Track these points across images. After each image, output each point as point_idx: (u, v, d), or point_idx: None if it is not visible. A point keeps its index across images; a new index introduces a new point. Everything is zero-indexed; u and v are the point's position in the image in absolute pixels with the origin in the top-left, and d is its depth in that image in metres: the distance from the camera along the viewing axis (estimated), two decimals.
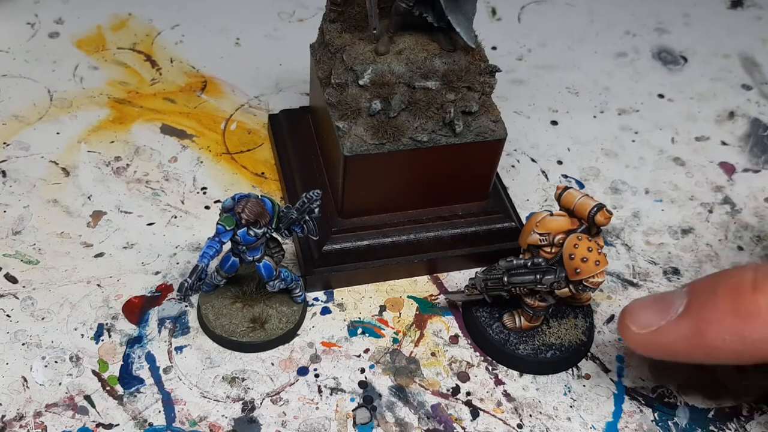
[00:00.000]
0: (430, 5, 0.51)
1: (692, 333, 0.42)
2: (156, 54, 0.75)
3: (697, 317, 0.42)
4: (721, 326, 0.41)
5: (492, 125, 0.54)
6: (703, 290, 0.43)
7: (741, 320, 0.40)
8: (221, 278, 0.52)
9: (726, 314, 0.41)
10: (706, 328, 0.42)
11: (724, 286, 0.41)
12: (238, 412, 0.49)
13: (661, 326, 0.43)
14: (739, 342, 0.41)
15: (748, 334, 0.40)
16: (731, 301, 0.41)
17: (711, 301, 0.42)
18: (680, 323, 0.43)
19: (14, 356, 0.51)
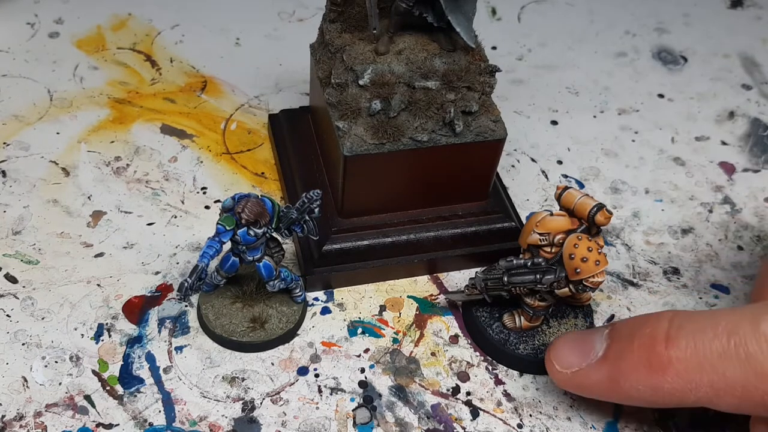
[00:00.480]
0: (430, 5, 0.51)
1: (609, 380, 0.44)
2: (156, 54, 0.75)
3: (613, 365, 0.44)
4: (635, 377, 0.42)
5: (492, 125, 0.54)
6: (621, 338, 0.44)
7: (653, 372, 0.41)
8: (221, 278, 0.52)
9: (640, 365, 0.42)
10: (622, 377, 0.43)
11: (640, 336, 0.43)
12: (238, 412, 0.49)
13: (581, 368, 0.45)
14: (651, 392, 0.42)
15: (660, 386, 0.42)
16: (645, 352, 0.42)
17: (627, 350, 0.43)
18: (599, 369, 0.44)
19: (14, 356, 0.51)
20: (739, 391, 0.39)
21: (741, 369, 0.39)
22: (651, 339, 0.42)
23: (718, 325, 0.40)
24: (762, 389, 0.39)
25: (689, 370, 0.40)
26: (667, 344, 0.41)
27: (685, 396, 0.41)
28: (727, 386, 0.40)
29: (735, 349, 0.39)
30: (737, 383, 0.39)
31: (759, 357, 0.38)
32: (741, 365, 0.39)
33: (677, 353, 0.41)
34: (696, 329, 0.41)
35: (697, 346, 0.40)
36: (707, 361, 0.40)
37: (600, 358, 0.44)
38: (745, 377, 0.39)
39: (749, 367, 0.39)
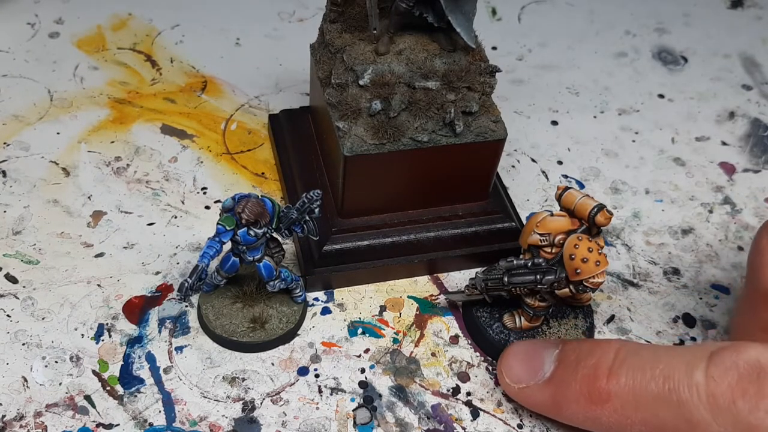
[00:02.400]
0: (430, 5, 0.51)
1: (552, 403, 0.45)
2: (156, 54, 0.75)
3: (557, 390, 0.45)
4: (576, 406, 0.43)
5: (492, 125, 0.54)
6: (567, 363, 0.45)
7: (592, 404, 0.42)
8: (221, 278, 0.52)
9: (581, 396, 0.43)
10: (564, 403, 0.44)
11: (584, 367, 0.44)
12: (238, 412, 0.49)
13: (528, 386, 0.46)
14: (590, 422, 0.43)
15: (598, 418, 0.42)
16: (587, 384, 0.43)
17: (571, 378, 0.44)
18: (544, 390, 0.45)
19: (14, 356, 0.51)
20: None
21: (673, 414, 0.40)
22: (594, 371, 0.43)
23: (656, 367, 0.41)
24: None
25: (625, 407, 0.41)
26: (608, 379, 0.42)
27: (621, 430, 0.42)
28: (659, 427, 0.40)
29: (669, 394, 0.40)
30: (668, 426, 0.40)
31: (690, 405, 0.39)
32: (673, 410, 0.40)
33: (616, 389, 0.42)
34: (637, 367, 0.42)
35: (635, 384, 0.41)
36: (643, 400, 0.41)
37: (546, 379, 0.45)
38: (676, 422, 0.40)
39: (680, 414, 0.39)
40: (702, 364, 0.39)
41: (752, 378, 0.38)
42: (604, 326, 0.56)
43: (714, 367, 0.39)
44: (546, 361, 0.46)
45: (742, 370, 0.39)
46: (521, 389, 0.47)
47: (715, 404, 0.38)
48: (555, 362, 0.45)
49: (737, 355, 0.39)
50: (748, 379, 0.38)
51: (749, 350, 0.39)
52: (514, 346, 0.48)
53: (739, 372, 0.38)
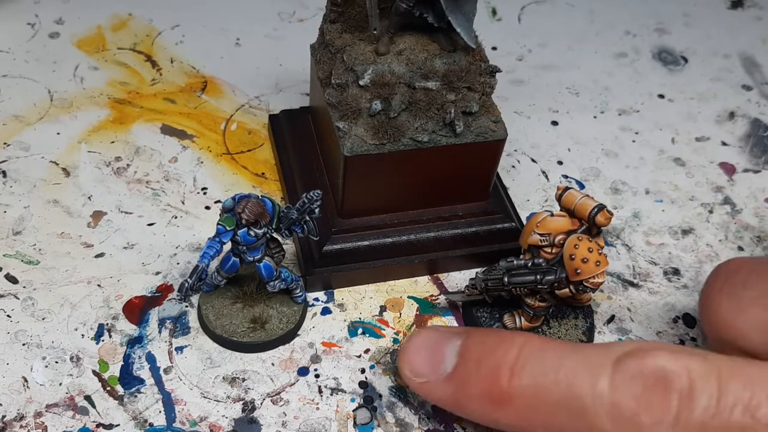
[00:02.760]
0: (430, 5, 0.51)
1: (453, 400, 0.43)
2: (156, 54, 0.75)
3: (458, 388, 0.42)
4: (477, 406, 0.41)
5: (492, 125, 0.54)
6: (469, 359, 0.42)
7: (493, 405, 0.40)
8: (221, 278, 0.52)
9: (482, 395, 0.41)
10: (465, 401, 0.42)
11: (486, 365, 0.41)
12: (238, 412, 0.49)
13: (429, 381, 0.43)
14: (493, 423, 0.41)
15: (498, 419, 0.41)
16: (488, 383, 0.41)
17: (473, 376, 0.41)
18: (445, 387, 0.43)
19: (14, 356, 0.51)
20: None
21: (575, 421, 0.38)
22: (496, 370, 0.41)
23: (560, 370, 0.39)
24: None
25: (527, 410, 0.39)
26: (510, 379, 0.40)
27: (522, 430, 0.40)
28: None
29: (571, 401, 0.38)
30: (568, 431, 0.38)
31: (592, 414, 0.37)
32: (575, 418, 0.38)
33: (518, 390, 0.40)
34: (539, 370, 0.40)
35: (537, 386, 0.39)
36: (544, 404, 0.39)
37: (447, 376, 0.43)
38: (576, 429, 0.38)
39: (583, 422, 0.38)
40: (606, 371, 0.37)
41: (657, 389, 0.36)
42: (604, 326, 0.56)
43: (618, 375, 0.37)
44: (447, 354, 0.43)
45: (647, 379, 0.36)
46: (422, 384, 0.44)
47: (618, 415, 0.36)
48: (457, 357, 0.43)
49: (643, 363, 0.37)
50: (653, 389, 0.36)
51: (655, 357, 0.37)
52: (415, 337, 0.45)
53: (644, 382, 0.36)
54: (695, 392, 0.35)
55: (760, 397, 0.34)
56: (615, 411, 0.36)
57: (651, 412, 0.36)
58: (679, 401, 0.35)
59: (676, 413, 0.35)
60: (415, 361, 0.44)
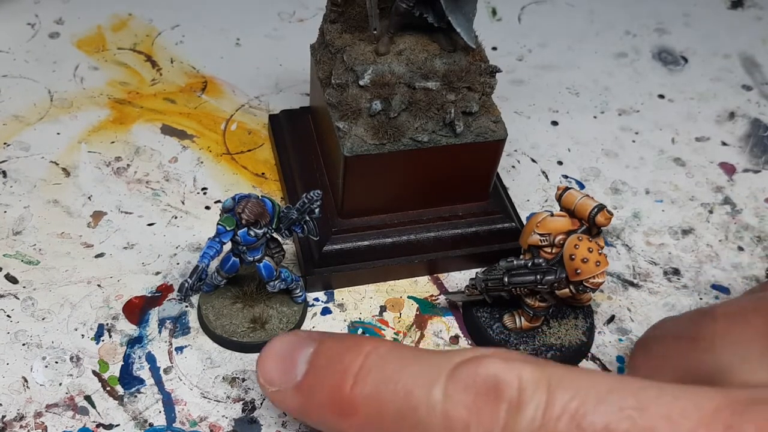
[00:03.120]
0: (430, 5, 0.51)
1: (301, 411, 0.41)
2: (156, 54, 0.75)
3: (305, 397, 0.41)
4: (323, 416, 0.40)
5: (492, 125, 0.54)
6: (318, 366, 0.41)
7: (338, 415, 0.39)
8: (221, 278, 0.52)
9: (327, 405, 0.39)
10: (312, 412, 0.40)
11: (332, 373, 0.39)
12: (238, 412, 0.49)
13: (280, 390, 0.42)
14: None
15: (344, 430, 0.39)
16: (332, 393, 0.39)
17: (319, 385, 0.40)
18: (293, 396, 0.41)
19: (14, 356, 0.51)
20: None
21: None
22: (340, 378, 0.39)
23: (400, 379, 0.37)
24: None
25: (371, 422, 0.38)
26: (352, 388, 0.38)
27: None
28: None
29: (410, 412, 0.36)
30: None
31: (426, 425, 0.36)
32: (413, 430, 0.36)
33: (361, 400, 0.38)
34: (381, 379, 0.38)
35: (379, 396, 0.37)
36: (387, 416, 0.37)
37: (296, 384, 0.41)
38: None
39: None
40: (442, 379, 0.36)
41: (488, 398, 0.35)
42: (605, 326, 0.56)
43: (452, 384, 0.36)
44: (299, 361, 0.41)
45: (479, 388, 0.35)
46: (274, 392, 0.42)
47: (450, 426, 0.35)
48: (307, 364, 0.41)
49: (476, 371, 0.35)
50: (484, 399, 0.35)
51: (488, 365, 0.35)
52: (272, 343, 0.43)
53: (477, 391, 0.35)
54: (523, 402, 0.34)
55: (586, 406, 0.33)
56: (447, 422, 0.35)
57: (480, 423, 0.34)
58: (508, 411, 0.34)
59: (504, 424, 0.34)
60: (268, 369, 0.42)
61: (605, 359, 0.54)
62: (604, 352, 0.55)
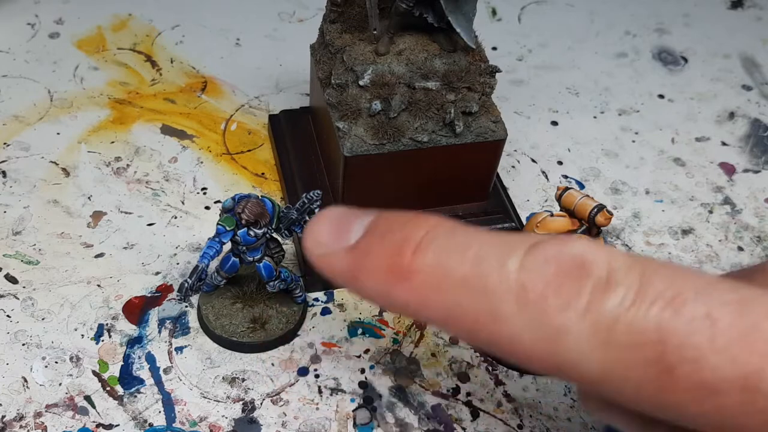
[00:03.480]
0: (430, 5, 0.51)
1: (349, 273, 0.39)
2: (156, 54, 0.75)
3: (357, 259, 0.38)
4: (374, 278, 0.37)
5: (492, 125, 0.54)
6: (375, 232, 0.39)
7: (391, 279, 0.37)
8: (221, 278, 0.52)
9: (380, 268, 0.37)
10: (361, 274, 0.38)
11: (391, 238, 0.38)
12: (238, 412, 0.49)
13: (329, 252, 0.40)
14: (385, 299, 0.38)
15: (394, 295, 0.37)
16: (390, 256, 0.37)
17: (375, 247, 0.38)
18: (343, 258, 0.39)
19: (14, 356, 0.51)
20: (469, 325, 0.35)
21: (476, 302, 0.34)
22: (400, 244, 0.37)
23: (469, 249, 0.35)
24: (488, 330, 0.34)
25: (426, 287, 0.36)
26: (413, 254, 0.36)
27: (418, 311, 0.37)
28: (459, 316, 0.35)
29: (476, 279, 0.34)
30: (468, 316, 0.35)
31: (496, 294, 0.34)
32: (477, 298, 0.34)
33: (420, 266, 0.36)
34: (447, 246, 0.36)
35: (441, 264, 0.36)
36: (446, 283, 0.35)
37: (349, 247, 0.39)
38: (477, 312, 0.34)
39: (484, 303, 0.34)
40: (520, 252, 0.34)
41: (571, 275, 0.33)
42: None
43: (531, 257, 0.34)
44: (355, 228, 0.40)
45: (562, 264, 0.33)
46: (321, 255, 0.40)
47: (524, 296, 0.33)
48: (363, 230, 0.39)
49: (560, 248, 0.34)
50: (567, 275, 0.33)
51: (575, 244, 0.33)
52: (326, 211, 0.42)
53: (559, 266, 0.33)
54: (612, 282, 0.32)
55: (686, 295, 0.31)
56: (521, 292, 0.33)
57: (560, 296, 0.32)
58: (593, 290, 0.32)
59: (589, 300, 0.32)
60: (319, 231, 0.40)
61: None
62: None
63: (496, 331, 0.33)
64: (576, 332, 0.32)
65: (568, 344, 0.32)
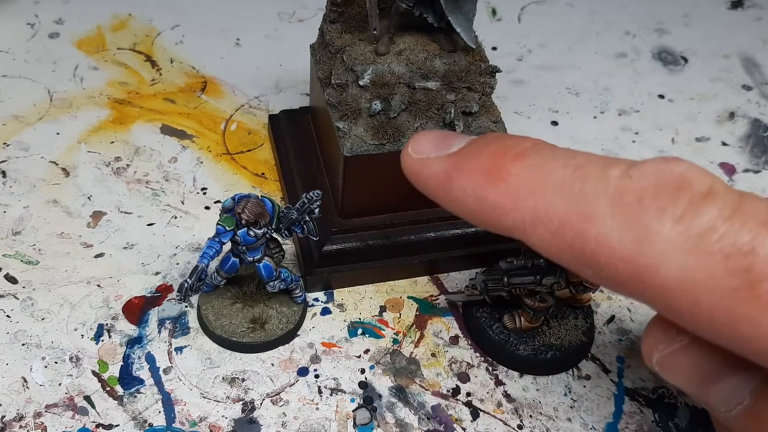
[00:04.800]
0: (430, 5, 0.51)
1: (444, 174, 0.40)
2: (156, 54, 0.75)
3: (456, 162, 0.40)
4: (468, 178, 0.39)
5: (492, 126, 0.54)
6: (478, 142, 0.40)
7: (486, 180, 0.38)
8: (221, 279, 0.52)
9: (478, 169, 0.38)
10: (456, 174, 0.39)
11: (496, 144, 0.39)
12: (238, 412, 0.49)
13: (429, 158, 0.41)
14: (475, 201, 0.39)
15: (485, 196, 0.38)
16: (490, 159, 0.38)
17: (476, 152, 0.39)
18: (442, 162, 0.40)
19: (14, 357, 0.51)
20: (555, 226, 0.36)
21: (567, 204, 0.35)
22: (504, 149, 0.38)
23: (573, 158, 0.36)
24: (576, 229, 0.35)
25: (520, 190, 0.37)
26: (514, 158, 0.37)
27: (504, 215, 0.38)
28: (547, 217, 0.36)
29: (572, 182, 0.35)
30: (557, 217, 0.35)
31: (591, 196, 0.34)
32: (569, 200, 0.35)
33: (518, 170, 0.37)
34: (550, 155, 0.37)
35: (541, 169, 0.36)
36: (542, 186, 0.36)
37: (449, 153, 0.40)
38: (567, 213, 0.35)
39: (576, 204, 0.35)
40: (623, 165, 0.35)
41: (672, 186, 0.33)
42: (605, 326, 0.56)
43: (635, 169, 0.34)
44: (457, 141, 0.41)
45: (664, 176, 0.34)
46: (420, 160, 0.41)
47: (620, 199, 0.34)
48: (466, 142, 0.41)
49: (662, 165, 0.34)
50: (667, 185, 0.33)
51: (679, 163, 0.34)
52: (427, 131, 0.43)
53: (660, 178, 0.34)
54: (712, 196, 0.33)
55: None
56: (617, 194, 0.34)
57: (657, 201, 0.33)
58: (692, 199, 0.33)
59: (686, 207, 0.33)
60: (422, 142, 0.41)
61: (605, 359, 0.54)
62: (605, 353, 0.55)
63: (585, 231, 0.34)
64: (666, 236, 0.32)
65: (656, 246, 0.32)
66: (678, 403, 0.52)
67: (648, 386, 0.53)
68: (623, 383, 0.53)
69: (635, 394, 0.52)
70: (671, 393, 0.53)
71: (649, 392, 0.53)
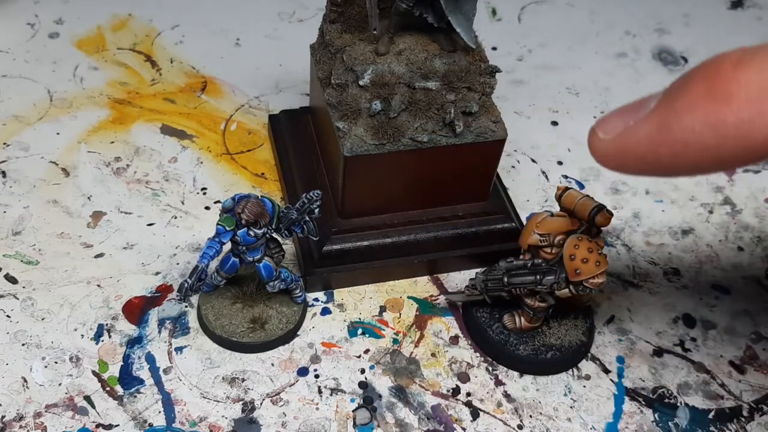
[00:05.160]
0: (430, 5, 0.51)
1: (658, 129, 0.36)
2: (156, 54, 0.75)
3: (665, 109, 0.36)
4: (692, 114, 0.35)
5: (492, 125, 0.54)
6: (677, 82, 0.37)
7: (716, 103, 0.34)
8: (221, 279, 0.52)
9: (699, 99, 0.35)
10: (674, 120, 0.36)
11: (701, 70, 0.36)
12: (238, 412, 0.49)
13: (628, 127, 0.37)
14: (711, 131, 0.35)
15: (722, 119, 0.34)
16: (706, 83, 0.35)
17: (683, 87, 0.36)
18: (647, 120, 0.37)
19: (14, 357, 0.51)
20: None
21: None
22: (715, 69, 0.35)
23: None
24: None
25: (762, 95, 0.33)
26: (734, 70, 0.34)
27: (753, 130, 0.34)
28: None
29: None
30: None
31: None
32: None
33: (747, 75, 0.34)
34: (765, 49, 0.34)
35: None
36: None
37: (650, 110, 0.37)
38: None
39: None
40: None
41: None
42: (605, 326, 0.56)
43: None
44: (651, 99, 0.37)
45: None
46: (618, 135, 0.38)
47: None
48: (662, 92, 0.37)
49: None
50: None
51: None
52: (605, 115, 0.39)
53: None
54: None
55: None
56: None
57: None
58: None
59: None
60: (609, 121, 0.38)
61: (605, 359, 0.54)
62: (604, 353, 0.55)
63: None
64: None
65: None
66: (678, 403, 0.52)
67: (648, 386, 0.53)
68: (623, 383, 0.53)
69: (635, 394, 0.52)
70: (671, 393, 0.53)
71: (649, 392, 0.53)
